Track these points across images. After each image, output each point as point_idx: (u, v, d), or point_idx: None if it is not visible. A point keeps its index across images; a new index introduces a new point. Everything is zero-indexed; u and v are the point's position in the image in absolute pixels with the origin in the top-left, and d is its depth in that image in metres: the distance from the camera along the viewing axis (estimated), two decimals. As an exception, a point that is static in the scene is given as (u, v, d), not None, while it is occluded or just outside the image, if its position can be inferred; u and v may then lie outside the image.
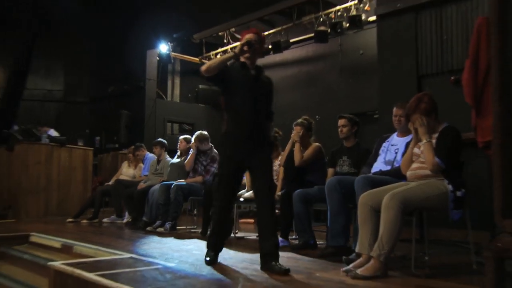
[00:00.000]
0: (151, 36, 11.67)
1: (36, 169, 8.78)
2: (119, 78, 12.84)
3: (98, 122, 13.66)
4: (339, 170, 4.91)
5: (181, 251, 4.58)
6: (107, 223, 7.90)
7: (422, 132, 3.61)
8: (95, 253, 4.57)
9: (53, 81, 14.35)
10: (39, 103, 14.01)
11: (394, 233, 3.23)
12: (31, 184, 8.71)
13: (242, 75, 3.86)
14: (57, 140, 9.27)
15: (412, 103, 3.69)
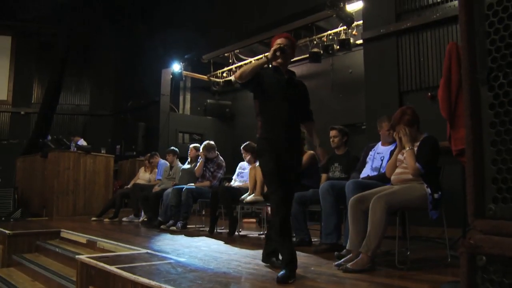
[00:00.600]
0: (166, 57, 11.71)
1: (65, 173, 8.81)
2: (138, 94, 12.88)
3: (118, 133, 13.70)
4: (331, 175, 4.90)
5: (191, 247, 4.57)
6: (126, 222, 7.89)
7: (405, 141, 3.64)
8: (116, 248, 4.60)
9: (81, 96, 14.42)
10: (69, 116, 14.08)
11: (380, 231, 3.23)
12: (61, 187, 8.74)
13: (276, 79, 3.51)
14: (83, 148, 9.31)
15: (397, 115, 3.73)
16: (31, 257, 5.59)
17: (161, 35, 11.77)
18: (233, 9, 9.93)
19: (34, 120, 12.61)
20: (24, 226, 6.77)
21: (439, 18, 5.92)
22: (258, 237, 5.87)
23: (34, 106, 13.48)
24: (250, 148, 6.35)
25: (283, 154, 3.39)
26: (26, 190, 9.72)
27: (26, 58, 13.95)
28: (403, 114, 3.69)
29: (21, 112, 13.73)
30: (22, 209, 8.59)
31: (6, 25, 13.56)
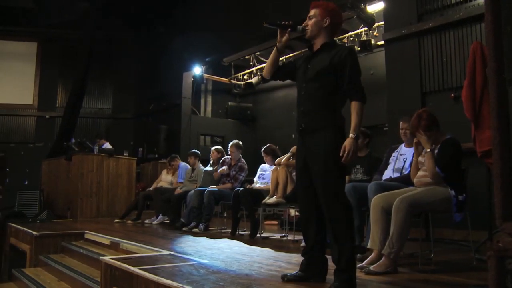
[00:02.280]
0: (187, 60, 11.78)
1: (89, 176, 8.94)
2: (159, 97, 12.99)
3: (141, 136, 13.83)
4: (353, 177, 4.86)
5: (213, 249, 4.58)
6: (148, 223, 7.93)
7: (424, 144, 3.59)
8: (139, 250, 4.63)
9: (104, 100, 14.62)
10: (92, 119, 14.29)
11: (403, 233, 3.21)
12: (85, 189, 8.87)
13: (303, 60, 3.05)
14: (106, 151, 9.43)
15: (414, 121, 3.67)
16: (57, 257, 5.69)
17: (182, 38, 11.86)
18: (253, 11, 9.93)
19: (58, 123, 12.83)
20: (50, 227, 6.89)
21: (463, 17, 5.82)
22: (280, 239, 5.86)
23: (59, 110, 13.71)
24: (270, 151, 6.35)
25: (298, 150, 3.00)
26: (51, 192, 9.89)
27: (51, 64, 14.20)
28: (419, 119, 3.63)
29: (46, 116, 13.97)
30: (48, 210, 8.75)
31: (31, 32, 13.84)
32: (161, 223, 7.78)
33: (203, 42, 11.11)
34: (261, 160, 6.60)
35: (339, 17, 3.05)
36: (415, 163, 3.77)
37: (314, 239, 2.93)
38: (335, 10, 3.01)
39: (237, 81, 12.21)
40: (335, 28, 3.02)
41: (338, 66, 2.85)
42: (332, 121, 2.85)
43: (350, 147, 2.71)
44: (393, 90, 6.60)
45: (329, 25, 2.97)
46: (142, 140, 13.52)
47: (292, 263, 3.77)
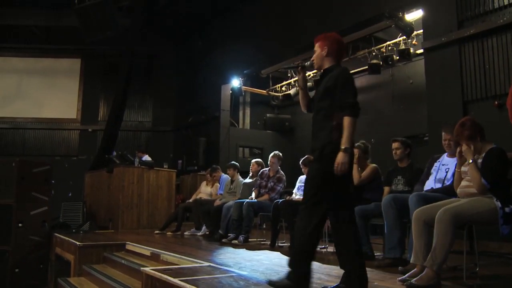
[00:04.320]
0: (225, 72, 11.92)
1: (130, 188, 9.12)
2: (198, 109, 13.15)
3: (180, 148, 14.00)
4: (394, 188, 4.81)
5: (252, 261, 4.59)
6: (188, 235, 8.01)
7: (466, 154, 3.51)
8: (179, 261, 4.66)
9: (144, 113, 14.93)
10: (132, 132, 14.61)
11: (446, 245, 3.13)
12: (126, 200, 9.05)
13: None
14: (146, 163, 9.60)
15: (457, 131, 3.59)
16: (99, 267, 5.81)
17: (220, 51, 12.02)
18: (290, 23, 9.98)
19: (100, 137, 13.18)
20: (92, 238, 7.06)
21: (506, 22, 5.67)
22: (320, 251, 5.81)
23: (101, 123, 14.08)
24: (309, 162, 6.33)
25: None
26: (93, 203, 10.14)
27: (93, 79, 14.67)
28: (463, 128, 3.56)
29: (88, 130, 14.41)
30: (91, 221, 8.97)
31: (75, 49, 14.37)
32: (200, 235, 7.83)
33: (241, 55, 11.22)
34: (299, 171, 6.59)
35: (336, 43, 3.25)
36: (458, 173, 3.68)
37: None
38: (331, 37, 3.26)
39: (275, 92, 12.25)
40: (336, 53, 3.24)
41: (332, 88, 3.08)
42: (326, 142, 3.02)
43: (340, 159, 2.90)
44: (433, 99, 6.49)
45: (328, 53, 3.23)
46: (182, 152, 13.70)
47: (332, 275, 3.74)
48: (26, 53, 14.46)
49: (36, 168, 7.77)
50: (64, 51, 14.49)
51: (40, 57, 14.55)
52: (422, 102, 7.74)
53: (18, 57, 14.50)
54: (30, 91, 14.35)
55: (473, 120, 3.61)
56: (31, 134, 14.22)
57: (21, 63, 14.51)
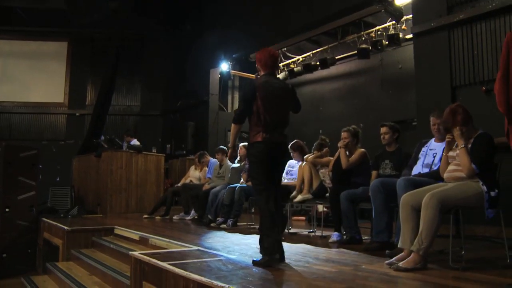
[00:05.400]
0: (214, 56, 11.85)
1: (118, 172, 9.09)
2: (187, 94, 13.10)
3: (168, 132, 13.97)
4: (382, 173, 4.82)
5: (241, 245, 4.61)
6: (177, 219, 8.01)
7: (458, 140, 3.52)
8: (167, 245, 4.68)
9: (132, 97, 14.84)
10: (121, 117, 14.51)
11: (432, 229, 3.16)
12: (114, 185, 9.03)
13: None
14: (135, 148, 9.55)
15: (448, 116, 3.58)
16: (88, 252, 5.81)
17: (209, 35, 11.92)
18: (279, 7, 9.92)
19: (88, 121, 13.08)
20: (80, 222, 7.04)
21: (495, 8, 5.66)
22: (308, 234, 5.85)
23: (88, 108, 13.98)
24: (298, 147, 6.34)
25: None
26: (82, 188, 10.10)
27: (81, 62, 14.49)
28: (455, 113, 3.55)
29: (76, 114, 14.29)
30: (79, 206, 8.93)
31: (62, 32, 14.16)
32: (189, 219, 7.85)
33: (230, 39, 11.15)
34: (288, 156, 6.59)
35: (258, 56, 3.96)
36: (445, 158, 3.70)
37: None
38: (257, 53, 3.99)
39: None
40: (261, 65, 3.93)
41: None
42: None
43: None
44: (422, 85, 6.50)
45: (257, 65, 3.98)
46: (170, 136, 13.67)
47: (320, 258, 3.77)
48: (11, 36, 14.24)
49: (23, 153, 7.70)
50: (50, 34, 14.28)
51: (26, 40, 14.33)
52: (410, 87, 7.76)
53: (3, 40, 14.27)
54: (16, 74, 14.15)
55: (463, 106, 3.61)
56: (18, 118, 14.07)
57: (7, 46, 14.28)
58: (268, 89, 3.72)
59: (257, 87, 3.71)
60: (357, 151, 5.28)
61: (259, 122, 3.66)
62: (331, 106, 10.88)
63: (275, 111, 3.72)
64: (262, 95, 3.67)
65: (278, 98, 3.76)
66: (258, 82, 3.76)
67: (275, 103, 3.73)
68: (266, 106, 3.67)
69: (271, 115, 3.69)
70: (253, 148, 3.69)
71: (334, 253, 4.09)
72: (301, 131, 10.75)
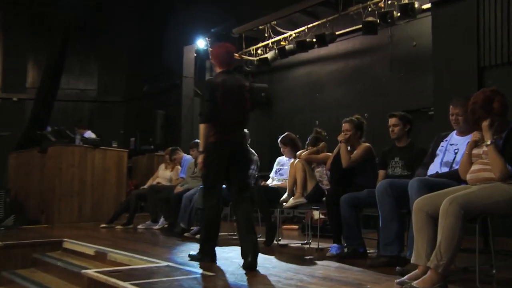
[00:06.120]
0: (188, 31, 11.78)
1: (69, 172, 8.95)
2: (155, 76, 13.04)
3: (132, 123, 13.92)
4: (390, 173, 4.82)
5: (220, 259, 4.59)
6: (142, 229, 7.96)
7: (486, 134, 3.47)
8: (130, 261, 4.65)
9: (87, 80, 14.70)
10: (72, 103, 14.36)
11: (454, 242, 3.13)
12: (64, 187, 8.87)
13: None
14: (90, 141, 9.44)
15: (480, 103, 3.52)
16: (26, 273, 5.62)
17: (183, 5, 11.85)
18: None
19: (29, 108, 12.81)
20: (17, 235, 6.91)
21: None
22: (301, 247, 5.85)
23: (29, 91, 13.74)
24: (289, 141, 6.34)
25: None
26: (20, 192, 9.91)
27: (17, 34, 14.11)
28: (490, 101, 3.50)
29: (13, 99, 14.03)
30: (16, 215, 8.69)
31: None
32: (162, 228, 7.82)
33: (208, 10, 11.08)
34: (278, 152, 6.57)
35: (214, 52, 4.66)
36: (467, 156, 3.68)
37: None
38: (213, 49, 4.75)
39: (249, 56, 12.15)
40: (218, 62, 4.57)
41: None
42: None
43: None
44: (441, 66, 6.52)
45: (213, 61, 4.73)
46: (135, 128, 13.61)
47: (316, 276, 3.77)
48: None
49: None
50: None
51: None
52: (427, 69, 7.78)
53: None
54: None
55: (502, 94, 3.55)
56: None
57: None
58: (226, 87, 4.35)
59: (216, 86, 4.36)
60: (361, 146, 5.29)
61: (217, 121, 4.30)
62: (330, 92, 10.88)
63: (233, 110, 4.35)
64: (220, 94, 4.30)
65: (236, 97, 4.41)
66: (216, 80, 4.43)
67: (233, 102, 4.36)
68: (225, 105, 4.29)
69: (230, 114, 4.32)
70: (212, 148, 4.33)
71: (333, 270, 4.09)
72: (293, 122, 10.76)
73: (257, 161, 6.90)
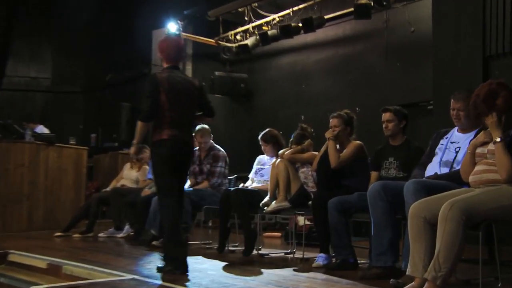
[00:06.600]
0: (158, 13, 11.74)
1: (17, 172, 8.83)
2: (119, 63, 12.97)
3: (93, 116, 13.82)
4: (384, 174, 4.86)
5: (193, 271, 4.57)
6: (104, 237, 7.92)
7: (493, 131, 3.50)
8: (89, 274, 4.60)
9: (39, 67, 14.55)
10: (22, 93, 14.20)
11: (454, 251, 3.17)
12: (11, 191, 8.73)
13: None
14: (43, 137, 9.33)
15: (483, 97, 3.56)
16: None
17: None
18: None
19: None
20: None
21: None
22: (285, 256, 5.88)
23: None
24: (271, 138, 6.36)
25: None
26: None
27: None
28: (495, 95, 3.54)
29: None
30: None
31: None
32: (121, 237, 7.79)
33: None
34: (258, 150, 6.58)
35: (161, 46, 4.90)
36: (470, 156, 3.72)
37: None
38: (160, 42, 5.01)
39: (226, 42, 12.15)
40: (164, 56, 4.84)
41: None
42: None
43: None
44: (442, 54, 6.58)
45: (160, 55, 4.97)
46: (96, 123, 13.55)
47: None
48: None
49: None
50: None
51: None
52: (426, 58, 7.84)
53: None
54: None
55: (506, 85, 3.59)
56: None
57: None
58: (172, 84, 4.65)
59: (161, 81, 4.64)
60: (351, 144, 5.32)
61: (164, 119, 4.59)
62: (317, 83, 10.92)
63: (180, 108, 4.66)
64: (166, 90, 4.59)
65: (183, 94, 4.70)
66: (161, 76, 4.71)
67: (180, 99, 4.66)
68: (171, 102, 4.59)
69: (176, 112, 4.62)
70: (157, 147, 4.64)
71: (319, 283, 4.12)
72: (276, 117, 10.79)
73: (225, 157, 6.96)
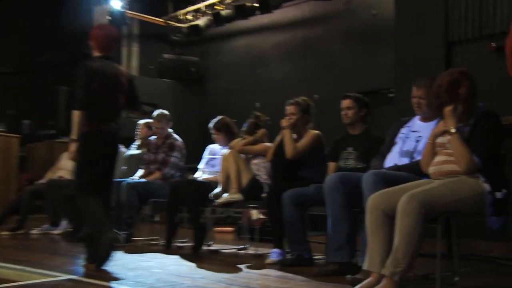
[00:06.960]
0: (99, -12, 11.61)
1: None
2: (57, 43, 12.76)
3: (27, 101, 13.58)
4: (342, 165, 4.91)
5: (137, 270, 4.59)
6: (38, 234, 7.82)
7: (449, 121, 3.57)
8: (20, 276, 4.51)
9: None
10: None
11: (412, 245, 3.23)
12: None
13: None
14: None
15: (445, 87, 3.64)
16: None
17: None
18: None
19: None
20: None
21: None
22: (237, 252, 5.91)
23: None
24: (223, 126, 6.37)
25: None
26: None
27: None
28: (456, 84, 3.62)
29: None
30: None
31: None
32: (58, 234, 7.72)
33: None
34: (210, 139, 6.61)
35: (93, 34, 5.24)
36: (430, 146, 3.78)
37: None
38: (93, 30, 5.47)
39: (176, 23, 12.09)
40: (96, 45, 5.09)
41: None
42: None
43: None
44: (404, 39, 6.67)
45: (91, 43, 5.15)
46: (30, 108, 13.31)
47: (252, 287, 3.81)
48: None
49: None
50: None
51: None
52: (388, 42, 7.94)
53: None
54: None
55: (471, 77, 3.67)
56: None
57: None
58: (104, 74, 4.85)
59: (93, 71, 4.82)
60: (308, 133, 5.37)
61: (92, 110, 4.75)
62: (274, 68, 10.93)
63: (109, 99, 4.87)
64: (98, 81, 4.78)
65: (113, 85, 4.90)
66: (94, 65, 4.88)
67: (110, 90, 4.86)
68: (101, 92, 4.77)
69: (105, 103, 4.82)
70: (85, 138, 4.78)
71: (273, 280, 4.16)
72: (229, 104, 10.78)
73: (182, 148, 6.93)
